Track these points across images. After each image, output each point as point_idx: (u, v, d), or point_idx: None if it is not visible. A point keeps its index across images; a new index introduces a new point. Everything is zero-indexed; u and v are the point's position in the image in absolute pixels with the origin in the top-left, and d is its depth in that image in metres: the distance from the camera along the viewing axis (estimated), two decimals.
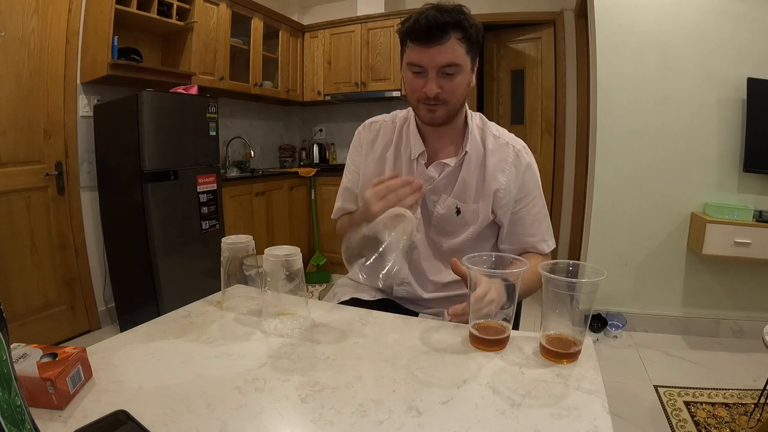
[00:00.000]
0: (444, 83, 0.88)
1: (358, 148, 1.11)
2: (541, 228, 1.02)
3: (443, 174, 0.99)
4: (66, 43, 2.28)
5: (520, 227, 1.01)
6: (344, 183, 1.13)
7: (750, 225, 2.08)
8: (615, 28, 2.31)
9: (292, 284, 0.75)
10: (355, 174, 1.10)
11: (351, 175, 1.11)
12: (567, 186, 3.44)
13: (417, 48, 0.86)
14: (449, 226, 1.01)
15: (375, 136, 1.08)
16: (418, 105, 0.93)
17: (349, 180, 1.12)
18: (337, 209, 1.14)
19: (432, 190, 1.00)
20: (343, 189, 1.13)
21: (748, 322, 2.33)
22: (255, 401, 0.55)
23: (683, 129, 2.29)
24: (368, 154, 1.08)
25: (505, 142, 1.00)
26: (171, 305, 0.92)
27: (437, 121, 0.93)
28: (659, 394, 1.81)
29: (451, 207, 0.99)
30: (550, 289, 0.65)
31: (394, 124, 1.07)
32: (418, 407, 0.54)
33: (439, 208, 1.00)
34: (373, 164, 1.06)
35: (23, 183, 2.15)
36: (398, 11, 3.49)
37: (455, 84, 0.88)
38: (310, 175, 3.58)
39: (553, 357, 0.65)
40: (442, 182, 0.99)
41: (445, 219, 1.00)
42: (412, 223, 0.76)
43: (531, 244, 1.02)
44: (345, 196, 1.12)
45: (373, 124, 1.10)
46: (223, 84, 3.04)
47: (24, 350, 0.56)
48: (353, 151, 1.12)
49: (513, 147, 1.00)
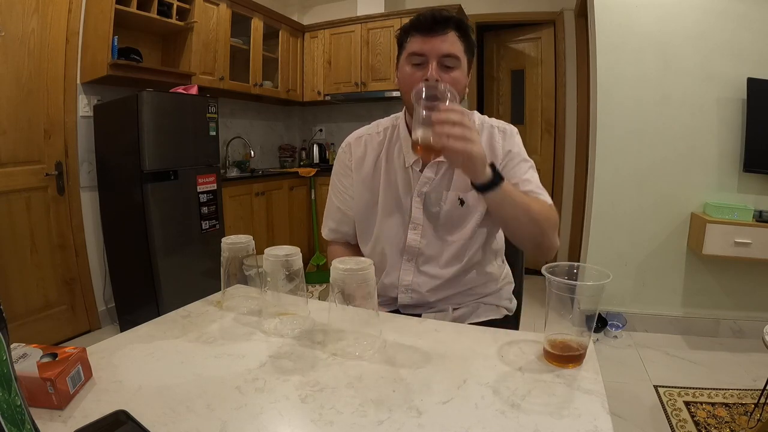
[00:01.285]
0: (444, 76, 0.89)
1: (346, 169, 1.09)
2: (533, 183, 0.95)
3: (440, 173, 0.99)
4: (66, 43, 2.28)
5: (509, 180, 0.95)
6: (335, 203, 1.11)
7: (750, 225, 2.08)
8: (615, 28, 2.31)
9: (292, 284, 0.75)
10: (343, 194, 1.09)
11: (341, 196, 1.09)
12: (567, 186, 3.43)
13: (420, 38, 0.89)
14: (456, 219, 1.00)
15: (363, 152, 1.07)
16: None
17: (340, 201, 1.10)
18: (330, 230, 1.12)
19: (433, 190, 0.99)
20: (334, 209, 1.11)
21: (748, 322, 2.33)
22: (255, 401, 0.55)
23: (683, 129, 2.29)
24: (358, 172, 1.06)
25: (489, 125, 1.01)
26: (171, 305, 0.92)
27: None
28: (659, 394, 1.81)
29: (454, 200, 0.99)
30: (553, 292, 0.63)
31: (380, 135, 1.06)
32: (418, 407, 0.54)
33: (444, 205, 0.99)
34: (368, 185, 1.05)
35: (23, 183, 2.15)
36: (398, 11, 3.49)
37: (453, 78, 0.89)
38: (310, 175, 3.58)
39: (559, 362, 0.64)
40: (440, 180, 0.99)
41: (451, 213, 1.00)
42: None
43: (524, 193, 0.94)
44: (338, 217, 1.10)
45: (359, 140, 1.08)
46: (223, 84, 3.04)
47: (24, 350, 0.56)
48: (341, 173, 1.10)
49: (497, 128, 1.00)
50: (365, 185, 1.05)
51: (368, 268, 0.66)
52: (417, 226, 1.01)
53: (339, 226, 1.11)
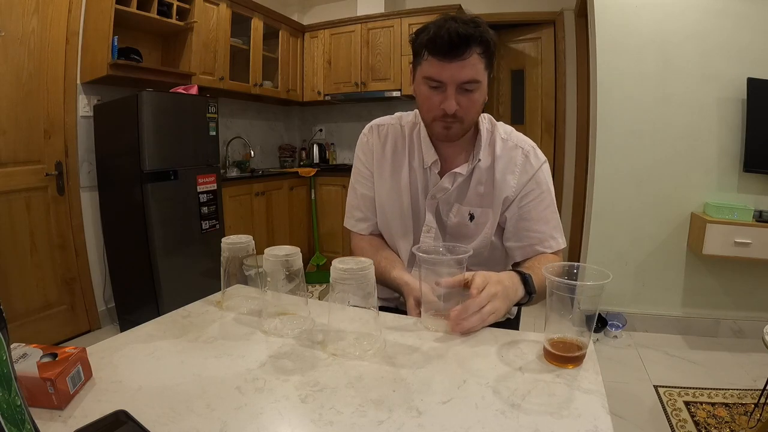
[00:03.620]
0: (462, 100, 0.85)
1: (368, 153, 1.05)
2: (550, 224, 0.97)
3: (455, 184, 0.97)
4: (66, 43, 2.28)
5: (528, 222, 0.97)
6: (358, 189, 1.07)
7: (750, 225, 2.08)
8: (615, 28, 2.31)
9: (292, 284, 0.75)
10: (370, 180, 1.05)
11: (365, 181, 1.06)
12: (567, 186, 3.44)
13: (437, 62, 0.82)
14: (465, 231, 1.00)
15: (384, 141, 1.04)
16: (433, 122, 0.90)
17: (363, 186, 1.06)
18: (357, 219, 1.08)
19: (445, 200, 0.99)
20: (359, 195, 1.07)
21: (748, 322, 2.33)
22: (255, 401, 0.55)
23: (683, 129, 2.29)
24: (380, 159, 1.04)
25: (514, 144, 0.98)
26: (171, 305, 0.92)
27: (452, 139, 0.91)
28: (659, 394, 1.81)
29: (464, 214, 0.98)
30: (553, 292, 0.63)
31: (402, 128, 1.04)
32: (418, 407, 0.53)
33: (452, 217, 0.99)
34: (386, 171, 1.03)
35: (23, 183, 2.15)
36: (398, 11, 3.49)
37: (473, 101, 0.86)
38: (310, 175, 3.58)
39: (559, 362, 0.63)
40: (454, 192, 0.98)
41: (459, 226, 0.99)
42: None
43: (538, 240, 0.97)
44: (364, 204, 1.06)
45: (381, 128, 1.06)
46: (223, 84, 3.04)
47: (24, 350, 0.56)
48: (364, 157, 1.06)
49: (522, 149, 0.97)
50: (387, 173, 1.03)
51: (368, 268, 0.66)
52: (431, 229, 1.00)
53: (367, 213, 1.07)
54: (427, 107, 0.89)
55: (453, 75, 0.82)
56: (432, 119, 0.90)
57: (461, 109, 0.86)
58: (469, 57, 0.81)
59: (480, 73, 0.84)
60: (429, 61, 0.84)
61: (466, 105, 0.86)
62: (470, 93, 0.85)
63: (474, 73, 0.83)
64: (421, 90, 0.89)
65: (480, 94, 0.87)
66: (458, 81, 0.83)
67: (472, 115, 0.90)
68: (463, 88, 0.84)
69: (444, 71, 0.82)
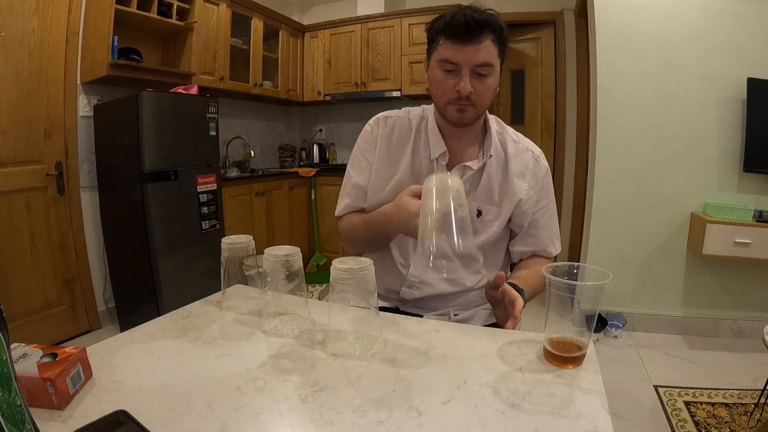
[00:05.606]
0: (476, 84, 0.87)
1: (371, 143, 1.04)
2: (552, 231, 1.04)
3: (465, 177, 0.97)
4: (66, 43, 2.28)
5: (535, 229, 1.02)
6: (353, 179, 1.06)
7: (750, 225, 2.08)
8: (615, 28, 2.31)
9: (292, 284, 0.75)
10: (367, 170, 1.04)
11: (361, 171, 1.05)
12: (567, 186, 3.43)
13: (452, 45, 0.85)
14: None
15: (390, 132, 1.03)
16: (447, 106, 0.91)
17: (358, 175, 1.05)
18: (344, 206, 1.07)
19: None
20: (351, 185, 1.06)
21: (748, 322, 2.33)
22: (255, 401, 0.55)
23: (683, 129, 2.29)
24: (383, 151, 1.03)
25: (525, 147, 1.01)
26: (171, 305, 0.92)
27: (466, 122, 0.92)
28: (659, 394, 1.81)
29: (472, 209, 0.97)
30: (553, 292, 0.63)
31: (409, 121, 1.04)
32: (418, 407, 0.53)
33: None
34: (389, 161, 1.02)
35: (23, 183, 2.15)
36: (398, 11, 3.49)
37: (486, 85, 0.88)
38: (310, 175, 3.58)
39: (559, 362, 0.64)
40: (464, 186, 0.99)
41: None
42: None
43: (541, 246, 1.03)
44: (354, 193, 1.06)
45: (388, 119, 1.05)
46: (223, 84, 3.04)
47: (24, 350, 0.56)
48: (365, 147, 1.05)
49: (532, 153, 1.01)
50: (387, 164, 1.02)
51: (368, 268, 0.66)
52: None
53: (354, 201, 1.06)
54: (441, 91, 0.90)
55: (468, 57, 0.85)
56: (446, 102, 0.91)
57: (475, 92, 0.87)
58: (484, 41, 0.84)
59: (493, 58, 0.87)
60: (445, 45, 0.87)
61: (480, 89, 0.88)
62: (484, 77, 0.87)
63: (488, 56, 0.85)
64: (435, 74, 0.90)
65: (493, 79, 0.89)
66: (473, 63, 0.85)
67: (485, 100, 0.91)
68: (477, 72, 0.86)
69: (459, 54, 0.85)
